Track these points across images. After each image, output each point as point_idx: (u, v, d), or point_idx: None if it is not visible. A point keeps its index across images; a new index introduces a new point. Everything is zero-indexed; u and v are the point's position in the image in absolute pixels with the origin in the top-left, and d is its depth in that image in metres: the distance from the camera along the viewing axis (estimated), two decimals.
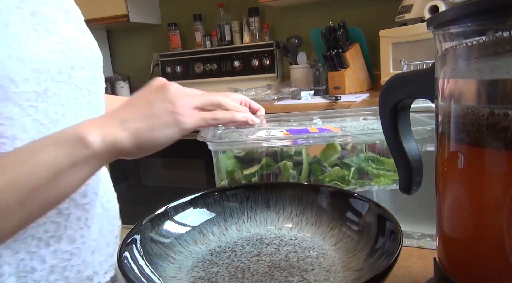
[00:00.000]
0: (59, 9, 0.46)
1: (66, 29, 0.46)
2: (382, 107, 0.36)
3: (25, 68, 0.39)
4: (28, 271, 0.43)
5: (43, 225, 0.44)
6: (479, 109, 0.25)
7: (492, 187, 0.26)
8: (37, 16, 0.42)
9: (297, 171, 0.55)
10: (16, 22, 0.40)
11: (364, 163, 0.53)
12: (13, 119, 0.39)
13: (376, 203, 0.40)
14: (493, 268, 0.27)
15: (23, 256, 0.42)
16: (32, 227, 0.43)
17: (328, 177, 0.52)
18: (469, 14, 0.25)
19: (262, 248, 0.41)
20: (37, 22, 0.42)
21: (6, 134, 0.39)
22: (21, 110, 0.40)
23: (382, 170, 0.53)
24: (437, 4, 1.45)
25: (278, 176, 0.55)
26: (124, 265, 0.33)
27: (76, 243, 0.47)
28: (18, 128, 0.40)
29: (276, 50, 2.22)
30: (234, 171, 0.56)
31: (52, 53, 0.42)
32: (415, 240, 0.47)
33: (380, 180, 0.53)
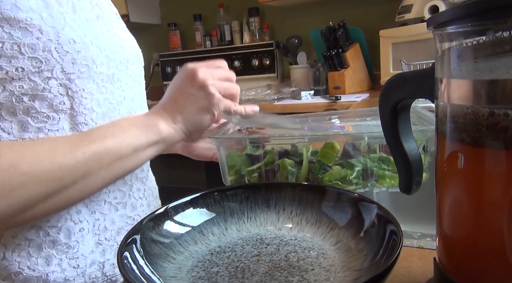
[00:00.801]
0: (112, 15, 0.56)
1: (119, 31, 0.56)
2: (382, 107, 0.36)
3: (100, 54, 0.49)
4: (101, 230, 0.51)
5: (113, 192, 0.52)
6: (479, 109, 0.25)
7: (492, 187, 0.26)
8: (101, 19, 0.52)
9: (297, 169, 0.54)
10: (93, 20, 0.50)
11: (371, 163, 0.53)
12: (92, 95, 0.48)
13: (376, 203, 0.40)
14: (493, 268, 0.27)
15: (98, 217, 0.51)
16: (104, 192, 0.51)
17: (328, 177, 0.52)
18: (469, 14, 0.25)
19: (262, 248, 0.41)
20: (101, 24, 0.52)
21: (87, 106, 0.48)
22: (97, 88, 0.49)
23: (390, 171, 0.53)
24: (437, 4, 1.45)
25: (276, 173, 0.55)
26: (124, 265, 0.33)
27: (137, 210, 0.56)
28: (95, 102, 0.49)
29: (276, 50, 2.22)
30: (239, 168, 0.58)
31: (115, 46, 0.52)
32: (415, 240, 0.47)
33: (385, 181, 0.53)
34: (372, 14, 2.05)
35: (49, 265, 0.46)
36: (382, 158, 0.53)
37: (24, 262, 0.45)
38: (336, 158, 0.53)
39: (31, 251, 0.45)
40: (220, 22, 2.40)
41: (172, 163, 2.01)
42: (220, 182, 0.58)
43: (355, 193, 0.43)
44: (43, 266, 0.46)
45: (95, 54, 0.48)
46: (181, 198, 0.45)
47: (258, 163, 0.56)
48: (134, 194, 0.56)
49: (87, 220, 0.49)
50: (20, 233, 0.44)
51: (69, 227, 0.47)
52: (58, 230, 0.46)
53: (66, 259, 0.47)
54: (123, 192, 0.54)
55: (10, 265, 0.44)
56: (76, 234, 0.48)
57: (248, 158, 0.57)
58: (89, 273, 0.50)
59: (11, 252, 0.44)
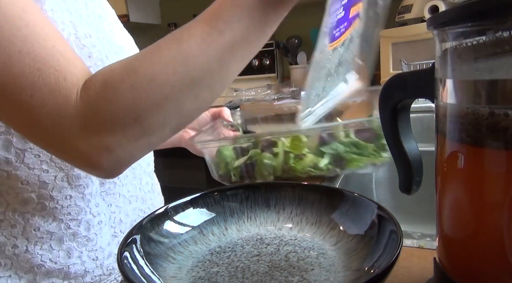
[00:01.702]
0: (112, 16, 0.56)
1: (119, 31, 0.56)
2: (382, 107, 0.36)
3: (111, 50, 0.49)
4: (117, 222, 0.52)
5: (126, 185, 0.53)
6: (479, 109, 0.25)
7: (492, 187, 0.26)
8: (103, 19, 0.52)
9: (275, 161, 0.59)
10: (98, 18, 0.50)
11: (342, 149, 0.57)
12: None
13: (376, 203, 0.40)
14: (493, 268, 0.27)
15: (114, 210, 0.52)
16: (119, 185, 0.52)
17: (300, 165, 0.56)
18: (469, 14, 0.25)
19: (262, 248, 0.41)
20: (105, 24, 0.52)
21: None
22: None
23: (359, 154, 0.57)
24: (437, 4, 1.45)
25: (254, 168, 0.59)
26: (124, 265, 0.33)
27: (147, 203, 0.58)
28: None
29: (276, 50, 2.22)
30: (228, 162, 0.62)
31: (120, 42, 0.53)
32: (415, 240, 0.47)
33: (352, 164, 0.56)
34: None
35: (70, 257, 0.47)
36: (353, 142, 0.57)
37: (46, 255, 0.46)
38: (304, 148, 0.58)
39: (53, 244, 0.46)
40: None
41: (172, 163, 2.01)
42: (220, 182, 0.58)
43: (356, 193, 0.43)
44: (65, 259, 0.47)
45: (107, 49, 0.49)
46: (181, 198, 0.45)
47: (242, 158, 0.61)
48: (144, 188, 0.57)
49: (104, 213, 0.50)
50: (42, 226, 0.45)
51: (88, 220, 0.48)
52: (78, 223, 0.47)
53: (85, 251, 0.48)
54: (134, 185, 0.55)
55: (33, 258, 0.45)
56: (95, 227, 0.49)
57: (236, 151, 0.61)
58: (107, 265, 0.51)
59: (34, 245, 0.45)
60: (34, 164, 0.43)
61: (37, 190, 0.44)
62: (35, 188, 0.44)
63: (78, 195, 0.47)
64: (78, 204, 0.47)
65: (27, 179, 0.43)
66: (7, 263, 0.44)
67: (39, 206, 0.45)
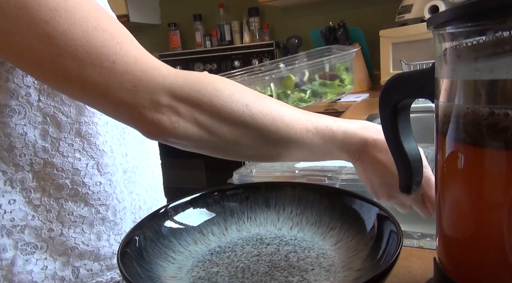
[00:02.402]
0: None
1: None
2: (382, 107, 0.36)
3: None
4: (137, 209, 0.56)
5: (142, 175, 0.57)
6: (479, 109, 0.25)
7: (492, 187, 0.26)
8: None
9: None
10: None
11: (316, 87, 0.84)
12: None
13: (376, 203, 0.40)
14: (493, 268, 0.27)
15: (135, 197, 0.56)
16: (138, 174, 0.56)
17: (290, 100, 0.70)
18: (469, 14, 0.25)
19: (262, 248, 0.41)
20: None
21: None
22: None
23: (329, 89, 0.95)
24: (437, 4, 1.45)
25: None
26: (124, 265, 0.33)
27: (159, 192, 0.62)
28: None
29: (276, 50, 2.22)
30: None
31: None
32: (415, 240, 0.47)
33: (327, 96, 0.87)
34: (372, 14, 2.05)
35: (100, 240, 0.50)
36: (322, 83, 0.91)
37: (79, 238, 0.49)
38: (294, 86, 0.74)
39: (85, 228, 0.49)
40: (220, 22, 2.40)
41: (172, 163, 2.01)
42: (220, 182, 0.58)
43: (356, 193, 0.43)
44: (95, 241, 0.50)
45: None
46: (181, 198, 0.45)
47: None
48: (156, 178, 0.61)
49: (126, 200, 0.54)
50: (75, 211, 0.48)
51: (115, 205, 0.51)
52: (107, 208, 0.51)
53: (112, 235, 0.52)
54: (149, 175, 0.59)
55: (67, 240, 0.48)
56: (120, 212, 0.52)
57: None
58: None
59: (68, 228, 0.48)
60: (68, 152, 0.47)
61: (70, 177, 0.47)
62: (69, 175, 0.47)
63: (107, 182, 0.50)
64: (106, 190, 0.50)
65: (62, 166, 0.47)
66: (43, 246, 0.48)
67: (73, 191, 0.48)
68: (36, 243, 0.47)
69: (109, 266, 0.52)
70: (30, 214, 0.46)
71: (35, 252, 0.47)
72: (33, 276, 0.46)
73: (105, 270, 0.51)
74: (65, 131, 0.46)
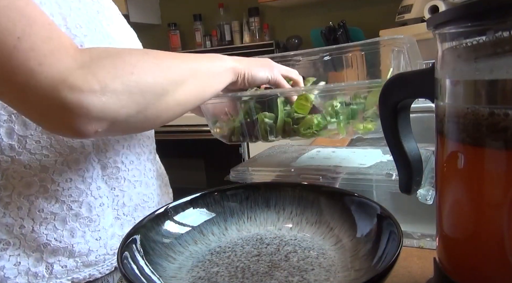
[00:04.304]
0: (112, 11, 0.58)
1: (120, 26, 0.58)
2: (382, 107, 0.36)
3: (104, 41, 0.52)
4: (120, 206, 0.55)
5: (131, 170, 0.56)
6: (479, 109, 0.25)
7: (492, 187, 0.26)
8: (101, 14, 0.54)
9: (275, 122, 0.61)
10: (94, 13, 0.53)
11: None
12: None
13: (376, 203, 0.40)
14: (493, 268, 0.27)
15: (118, 193, 0.55)
16: (124, 170, 0.55)
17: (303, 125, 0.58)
18: (469, 14, 0.25)
19: (262, 248, 0.41)
20: (102, 19, 0.53)
21: None
22: None
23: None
24: (437, 4, 1.45)
25: (256, 126, 0.60)
26: (124, 265, 0.33)
27: (150, 188, 0.60)
28: None
29: (276, 50, 2.22)
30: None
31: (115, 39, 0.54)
32: (415, 240, 0.47)
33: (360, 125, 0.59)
34: (372, 14, 2.05)
35: (73, 236, 0.50)
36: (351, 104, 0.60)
37: (51, 234, 0.49)
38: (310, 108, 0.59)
39: (57, 224, 0.49)
40: (220, 22, 2.39)
41: (172, 163, 2.01)
42: (220, 182, 0.58)
43: (356, 193, 0.43)
44: (68, 238, 0.50)
45: (100, 39, 0.51)
46: (181, 198, 0.45)
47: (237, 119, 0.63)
48: (147, 174, 0.60)
49: (106, 196, 0.53)
50: (46, 208, 0.48)
51: (89, 201, 0.51)
52: (80, 204, 0.50)
53: (88, 231, 0.51)
54: (139, 170, 0.58)
55: (38, 237, 0.48)
56: (97, 208, 0.52)
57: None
58: (111, 244, 0.54)
59: (39, 225, 0.48)
60: (35, 149, 0.46)
61: (39, 174, 0.47)
62: (37, 172, 0.47)
63: (78, 178, 0.50)
64: (78, 186, 0.50)
65: (29, 163, 0.46)
66: (15, 242, 0.48)
67: (42, 188, 0.48)
68: (8, 240, 0.47)
69: (85, 262, 0.51)
70: (1, 211, 0.46)
71: (7, 248, 0.47)
72: (5, 272, 0.47)
73: (82, 267, 0.51)
74: (31, 128, 0.45)
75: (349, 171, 0.59)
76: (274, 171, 0.63)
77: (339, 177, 0.59)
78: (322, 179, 0.57)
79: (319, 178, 0.58)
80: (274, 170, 0.64)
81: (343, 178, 0.59)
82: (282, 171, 0.62)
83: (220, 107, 0.65)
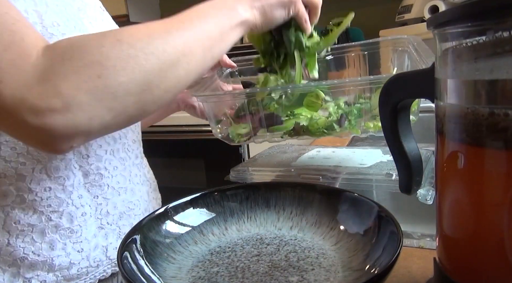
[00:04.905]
0: (95, 8, 0.55)
1: (103, 23, 0.55)
2: (382, 107, 0.36)
3: None
4: (104, 214, 0.52)
5: (115, 177, 0.53)
6: (479, 109, 0.25)
7: (492, 187, 0.26)
8: (82, 11, 0.51)
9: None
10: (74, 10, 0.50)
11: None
12: None
13: (376, 203, 0.40)
14: (493, 268, 0.27)
15: (101, 201, 0.51)
16: (107, 176, 0.52)
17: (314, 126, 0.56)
18: (469, 14, 0.25)
19: (262, 248, 0.41)
20: (83, 16, 0.50)
21: None
22: None
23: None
24: (437, 4, 1.45)
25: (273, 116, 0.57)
26: (124, 265, 0.33)
27: (136, 195, 0.57)
28: None
29: None
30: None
31: None
32: (415, 240, 0.47)
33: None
34: (372, 14, 2.05)
35: (53, 249, 0.47)
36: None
37: (29, 248, 0.46)
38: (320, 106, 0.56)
39: (35, 237, 0.46)
40: None
41: (172, 163, 2.01)
42: (220, 182, 0.58)
43: (356, 193, 0.43)
44: (48, 251, 0.47)
45: None
46: (181, 198, 0.45)
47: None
48: (133, 180, 0.57)
49: (89, 205, 0.50)
50: (23, 219, 0.45)
51: (70, 211, 0.48)
52: (60, 215, 0.47)
53: (70, 243, 0.48)
54: (124, 176, 0.55)
55: (15, 251, 0.45)
56: (79, 218, 0.49)
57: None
58: (94, 256, 0.51)
59: (15, 238, 0.45)
60: (11, 157, 0.43)
61: (15, 183, 0.44)
62: (13, 181, 0.44)
63: (58, 187, 0.47)
64: (58, 195, 0.47)
65: (4, 172, 0.44)
66: None
67: (18, 198, 0.45)
68: None
69: (66, 277, 0.48)
70: None
71: None
72: None
73: (63, 281, 0.48)
74: (5, 134, 0.42)
75: (349, 171, 0.59)
76: (274, 171, 0.63)
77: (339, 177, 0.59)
78: (322, 179, 0.57)
79: (319, 178, 0.58)
80: (274, 170, 0.64)
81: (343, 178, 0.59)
82: (282, 171, 0.62)
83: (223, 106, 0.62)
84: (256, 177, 0.63)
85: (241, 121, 0.61)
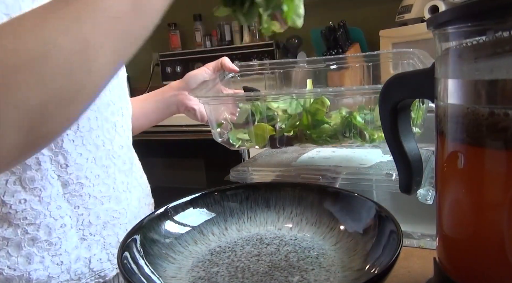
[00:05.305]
0: None
1: None
2: (382, 107, 0.36)
3: None
4: (86, 225, 0.50)
5: (97, 186, 0.51)
6: (479, 109, 0.25)
7: (492, 187, 0.26)
8: None
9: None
10: None
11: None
12: None
13: (376, 203, 0.40)
14: (493, 268, 0.27)
15: (82, 212, 0.49)
16: (88, 186, 0.49)
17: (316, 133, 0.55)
18: (469, 14, 0.25)
19: (262, 248, 0.41)
20: None
21: None
22: None
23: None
24: (437, 4, 1.45)
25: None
26: (124, 265, 0.33)
27: (122, 204, 0.55)
28: None
29: (276, 50, 2.22)
30: None
31: None
32: (415, 240, 0.47)
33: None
34: (372, 14, 2.05)
35: (30, 263, 0.45)
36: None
37: (4, 262, 0.44)
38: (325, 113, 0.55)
39: (10, 250, 0.45)
40: (220, 22, 2.39)
41: (172, 163, 2.01)
42: (220, 182, 0.58)
43: (355, 193, 0.43)
44: (24, 265, 0.45)
45: None
46: (181, 198, 0.45)
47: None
48: (118, 187, 0.54)
49: (69, 216, 0.48)
50: None
51: (48, 223, 0.46)
52: (37, 227, 0.46)
53: (48, 256, 0.47)
54: (108, 184, 0.52)
55: None
56: (57, 230, 0.47)
57: None
58: (75, 269, 0.49)
59: None
60: None
61: None
62: None
63: (34, 198, 0.45)
64: (34, 207, 0.45)
65: None
66: None
67: None
68: None
69: None
70: None
71: None
72: None
73: None
74: None
75: (349, 171, 0.59)
76: (274, 171, 0.63)
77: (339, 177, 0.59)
78: (322, 179, 0.57)
79: (319, 178, 0.58)
80: (274, 170, 0.64)
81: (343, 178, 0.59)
82: (282, 171, 0.62)
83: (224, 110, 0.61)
84: (256, 177, 0.63)
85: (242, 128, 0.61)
